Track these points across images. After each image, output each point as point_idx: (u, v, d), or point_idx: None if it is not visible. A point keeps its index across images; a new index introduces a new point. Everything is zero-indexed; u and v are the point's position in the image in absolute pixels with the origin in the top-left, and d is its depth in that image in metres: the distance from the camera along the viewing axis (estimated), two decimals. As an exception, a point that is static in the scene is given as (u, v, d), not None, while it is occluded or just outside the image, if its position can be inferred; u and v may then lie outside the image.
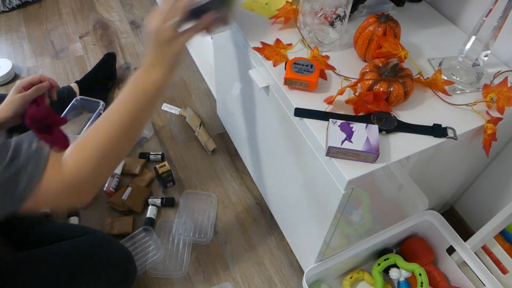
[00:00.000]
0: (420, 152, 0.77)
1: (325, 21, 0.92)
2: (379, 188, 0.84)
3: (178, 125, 1.52)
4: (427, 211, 1.11)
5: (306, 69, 0.84)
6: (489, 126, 0.81)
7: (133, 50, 1.78)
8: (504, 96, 0.83)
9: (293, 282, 1.16)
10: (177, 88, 1.65)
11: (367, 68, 0.83)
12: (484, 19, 0.80)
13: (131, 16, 1.96)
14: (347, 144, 0.72)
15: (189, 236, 1.22)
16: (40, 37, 1.82)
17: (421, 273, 1.05)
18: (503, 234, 1.01)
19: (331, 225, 0.85)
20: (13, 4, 1.92)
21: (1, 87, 1.60)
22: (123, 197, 1.24)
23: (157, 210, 1.26)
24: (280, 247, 1.23)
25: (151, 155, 1.39)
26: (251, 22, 1.01)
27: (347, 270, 1.14)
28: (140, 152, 1.41)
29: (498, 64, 0.96)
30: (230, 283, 1.15)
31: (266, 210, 1.30)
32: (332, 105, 0.82)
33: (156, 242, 1.18)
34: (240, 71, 1.08)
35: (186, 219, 1.25)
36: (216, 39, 1.22)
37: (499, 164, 1.08)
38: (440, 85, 0.86)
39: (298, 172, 0.93)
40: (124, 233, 1.19)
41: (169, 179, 1.31)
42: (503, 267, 1.01)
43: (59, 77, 1.65)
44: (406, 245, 1.15)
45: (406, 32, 1.00)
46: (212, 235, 1.23)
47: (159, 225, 1.25)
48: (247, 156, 1.34)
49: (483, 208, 1.18)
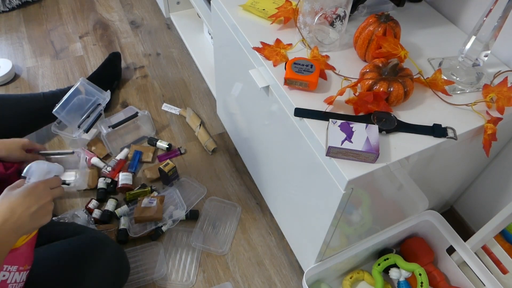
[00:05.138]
0: (420, 152, 0.77)
1: (325, 21, 0.92)
2: (379, 188, 0.84)
3: (178, 125, 1.52)
4: (427, 211, 1.11)
5: (306, 69, 0.84)
6: (489, 126, 0.81)
7: (133, 50, 1.78)
8: (504, 96, 0.83)
9: (293, 282, 1.16)
10: (177, 88, 1.65)
11: (367, 68, 0.83)
12: (484, 19, 0.80)
13: (131, 16, 1.96)
14: (347, 144, 0.72)
15: (205, 246, 1.21)
16: (40, 37, 1.82)
17: (421, 273, 1.05)
18: (503, 234, 1.01)
19: (331, 225, 0.85)
20: (13, 4, 1.92)
21: (1, 87, 1.60)
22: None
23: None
24: (280, 247, 1.23)
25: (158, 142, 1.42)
26: (251, 22, 1.01)
27: (347, 270, 1.14)
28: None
29: (498, 64, 0.96)
30: (230, 283, 1.15)
31: (266, 210, 1.30)
32: (332, 105, 0.82)
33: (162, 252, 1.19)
34: (240, 71, 1.08)
35: (206, 229, 1.24)
36: (216, 39, 1.22)
37: (499, 164, 1.08)
38: (440, 85, 0.86)
39: (298, 172, 0.93)
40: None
41: (175, 175, 1.31)
42: (503, 267, 1.01)
43: (59, 77, 1.65)
44: (406, 245, 1.15)
45: (406, 32, 1.00)
46: (229, 247, 1.22)
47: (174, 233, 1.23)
48: (247, 156, 1.34)
49: (483, 208, 1.18)
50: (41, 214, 0.74)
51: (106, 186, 1.29)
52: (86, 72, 1.67)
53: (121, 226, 1.19)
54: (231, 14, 1.02)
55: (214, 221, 1.26)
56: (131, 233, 1.18)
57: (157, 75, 1.69)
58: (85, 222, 1.19)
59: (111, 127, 1.35)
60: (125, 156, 1.38)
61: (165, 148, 1.42)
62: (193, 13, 1.87)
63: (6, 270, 0.70)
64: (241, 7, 1.04)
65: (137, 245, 1.19)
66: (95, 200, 1.26)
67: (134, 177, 1.33)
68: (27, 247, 0.75)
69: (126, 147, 1.40)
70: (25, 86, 1.61)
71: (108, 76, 1.57)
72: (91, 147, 1.39)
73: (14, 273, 0.72)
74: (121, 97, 1.59)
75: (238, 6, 1.04)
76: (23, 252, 0.74)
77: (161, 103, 1.58)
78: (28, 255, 0.76)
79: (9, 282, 0.71)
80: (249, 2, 1.05)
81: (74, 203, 1.28)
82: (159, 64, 1.73)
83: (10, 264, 0.71)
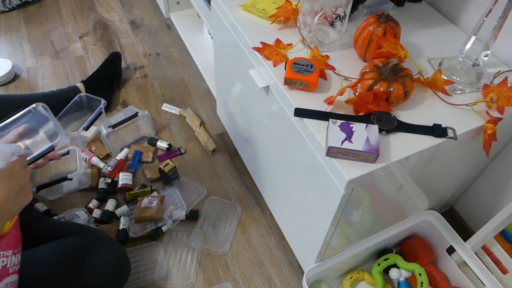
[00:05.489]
0: (420, 152, 0.77)
1: (325, 21, 0.92)
2: (379, 188, 0.84)
3: (178, 125, 1.52)
4: (427, 211, 1.11)
5: (306, 69, 0.84)
6: (489, 126, 0.81)
7: (133, 50, 1.78)
8: (504, 96, 0.83)
9: (293, 282, 1.16)
10: (177, 88, 1.65)
11: (367, 68, 0.83)
12: (484, 19, 0.80)
13: (131, 16, 1.96)
14: (347, 144, 0.72)
15: (205, 246, 1.21)
16: (40, 37, 1.82)
17: (421, 273, 1.05)
18: (503, 234, 1.01)
19: (331, 225, 0.85)
20: (13, 4, 1.92)
21: (1, 87, 1.60)
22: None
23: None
24: (280, 247, 1.23)
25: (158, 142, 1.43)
26: (251, 22, 1.01)
27: (347, 270, 1.14)
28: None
29: (498, 64, 0.96)
30: (230, 283, 1.15)
31: (266, 210, 1.30)
32: (332, 105, 0.82)
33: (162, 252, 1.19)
34: (240, 71, 1.08)
35: (206, 229, 1.24)
36: (216, 39, 1.22)
37: (499, 164, 1.08)
38: (440, 85, 0.86)
39: (298, 172, 0.93)
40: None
41: (175, 175, 1.31)
42: (503, 267, 1.01)
43: (59, 77, 1.65)
44: (406, 245, 1.15)
45: (406, 32, 1.00)
46: (229, 247, 1.22)
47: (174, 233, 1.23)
48: (247, 156, 1.34)
49: (483, 208, 1.17)
50: (23, 194, 0.73)
51: (106, 186, 1.29)
52: (86, 72, 1.67)
53: (121, 226, 1.19)
54: (231, 14, 1.02)
55: (214, 221, 1.26)
56: (131, 233, 1.18)
57: (157, 75, 1.69)
58: (86, 221, 1.19)
59: (111, 127, 1.35)
60: (125, 156, 1.38)
61: (165, 148, 1.42)
62: (193, 13, 1.87)
63: (3, 256, 0.71)
64: (241, 7, 1.04)
65: (137, 245, 1.19)
66: (96, 200, 1.26)
67: (134, 177, 1.33)
68: (14, 229, 0.76)
69: (126, 147, 1.40)
70: (25, 86, 1.61)
71: (109, 76, 1.57)
72: (91, 147, 1.39)
73: (10, 257, 0.73)
74: (121, 97, 1.59)
75: (238, 6, 1.04)
76: (13, 235, 0.75)
77: (161, 103, 1.58)
78: (17, 236, 0.77)
79: (9, 267, 0.72)
80: (249, 2, 1.05)
81: (75, 203, 1.28)
82: (159, 64, 1.73)
83: (5, 250, 0.72)
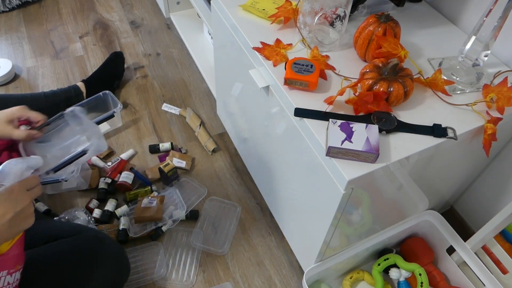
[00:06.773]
0: (420, 152, 0.77)
1: (325, 21, 0.92)
2: (379, 188, 0.84)
3: (178, 125, 1.52)
4: (427, 211, 1.11)
5: (306, 69, 0.84)
6: (489, 126, 0.81)
7: (133, 50, 1.78)
8: (504, 96, 0.83)
9: (293, 282, 1.16)
10: (177, 88, 1.65)
11: (367, 68, 0.83)
12: (484, 19, 0.80)
13: (131, 16, 1.96)
14: (347, 144, 0.72)
15: (205, 246, 1.20)
16: (40, 37, 1.82)
17: (421, 273, 1.05)
18: (503, 234, 1.01)
19: (331, 225, 0.85)
20: (13, 4, 1.92)
21: (1, 87, 1.60)
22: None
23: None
24: (280, 247, 1.23)
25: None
26: (251, 22, 1.01)
27: (347, 270, 1.14)
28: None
29: (498, 64, 0.96)
30: (230, 283, 1.15)
31: (266, 210, 1.30)
32: (332, 105, 0.82)
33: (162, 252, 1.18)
34: (240, 71, 1.08)
35: (206, 229, 1.24)
36: (216, 39, 1.22)
37: (499, 164, 1.08)
38: (440, 85, 0.86)
39: (298, 172, 0.93)
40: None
41: (175, 176, 1.31)
42: (503, 267, 1.01)
43: (59, 77, 1.65)
44: (406, 245, 1.15)
45: (406, 32, 1.00)
46: (229, 247, 1.22)
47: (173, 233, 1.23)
48: (247, 156, 1.34)
49: (483, 208, 1.17)
50: (20, 219, 0.69)
51: (107, 186, 1.29)
52: (86, 72, 1.67)
53: (121, 226, 1.19)
54: (231, 14, 1.02)
55: (214, 221, 1.26)
56: (131, 233, 1.18)
57: (157, 75, 1.69)
58: (86, 221, 1.19)
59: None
60: (128, 157, 1.38)
61: (169, 148, 1.42)
62: (193, 13, 1.87)
63: None
64: (241, 7, 1.04)
65: (137, 245, 1.19)
66: (96, 200, 1.26)
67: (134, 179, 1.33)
68: (16, 247, 0.73)
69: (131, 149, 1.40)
70: (25, 86, 1.61)
71: (109, 76, 1.57)
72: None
73: (4, 277, 0.71)
74: (121, 97, 1.59)
75: (238, 6, 1.04)
76: (12, 256, 0.73)
77: (161, 103, 1.58)
78: (17, 256, 0.75)
79: (1, 286, 0.70)
80: (249, 2, 1.05)
81: (75, 203, 1.28)
82: (159, 64, 1.73)
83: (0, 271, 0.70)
